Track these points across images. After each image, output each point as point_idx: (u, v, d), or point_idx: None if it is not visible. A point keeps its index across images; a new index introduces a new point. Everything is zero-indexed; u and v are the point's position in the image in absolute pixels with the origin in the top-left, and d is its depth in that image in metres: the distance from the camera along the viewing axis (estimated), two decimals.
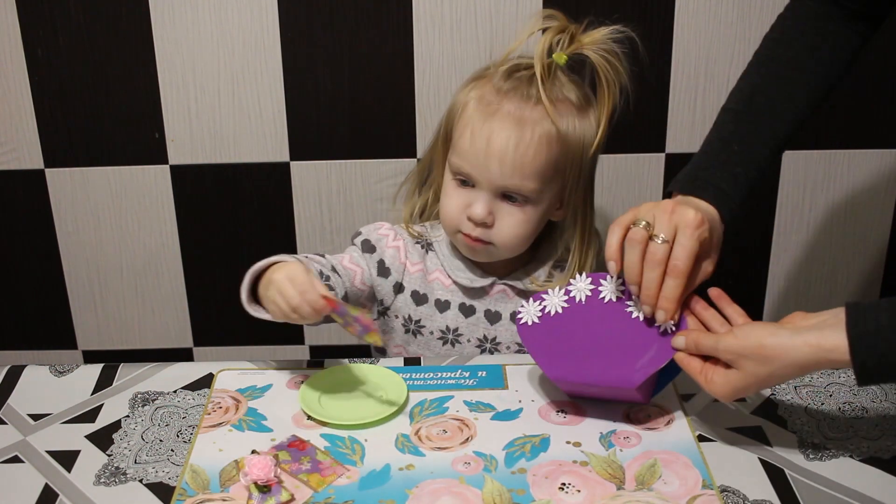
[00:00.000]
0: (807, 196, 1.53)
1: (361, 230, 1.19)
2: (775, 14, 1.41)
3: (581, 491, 0.87)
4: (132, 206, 1.51)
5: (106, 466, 0.92)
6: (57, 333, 1.60)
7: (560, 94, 1.07)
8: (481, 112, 1.07)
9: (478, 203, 1.07)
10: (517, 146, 1.05)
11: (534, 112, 1.05)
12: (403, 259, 1.17)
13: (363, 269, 1.16)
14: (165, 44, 1.41)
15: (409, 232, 1.18)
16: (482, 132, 1.06)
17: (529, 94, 1.06)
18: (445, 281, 1.17)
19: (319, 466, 0.90)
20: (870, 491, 0.87)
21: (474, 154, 1.06)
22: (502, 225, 1.09)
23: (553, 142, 1.06)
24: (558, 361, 0.94)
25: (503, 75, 1.08)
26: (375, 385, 1.02)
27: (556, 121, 1.05)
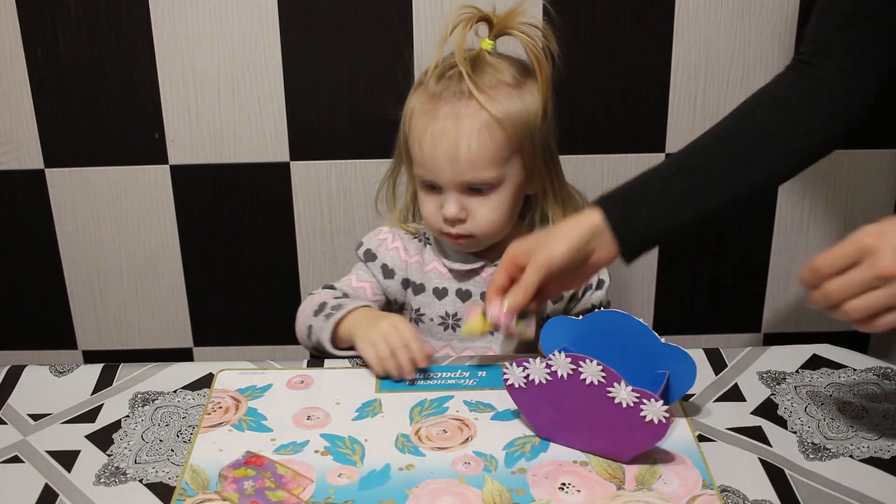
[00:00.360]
0: (807, 196, 1.53)
1: (363, 240, 1.24)
2: (775, 14, 1.41)
3: (581, 491, 0.87)
4: (132, 206, 1.51)
5: (106, 466, 0.92)
6: (57, 333, 1.60)
7: (494, 79, 1.10)
8: (422, 119, 1.11)
9: (448, 203, 1.12)
10: (460, 143, 1.09)
11: (468, 106, 1.09)
12: (404, 257, 1.21)
13: (370, 281, 1.21)
14: (165, 44, 1.41)
15: (405, 230, 1.23)
16: (427, 138, 1.10)
17: (461, 90, 1.09)
18: (442, 270, 1.21)
19: (283, 480, 0.89)
20: (870, 491, 0.87)
21: (427, 160, 1.11)
22: (477, 216, 1.13)
23: (494, 128, 1.09)
24: (546, 426, 0.93)
25: (435, 79, 1.12)
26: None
27: (490, 108, 1.09)
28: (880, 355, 1.13)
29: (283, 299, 1.57)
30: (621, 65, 1.44)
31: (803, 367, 1.08)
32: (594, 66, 1.43)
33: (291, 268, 1.55)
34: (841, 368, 1.07)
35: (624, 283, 1.58)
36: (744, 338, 1.63)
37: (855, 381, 1.05)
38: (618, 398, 0.87)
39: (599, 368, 0.87)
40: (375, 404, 1.01)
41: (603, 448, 0.91)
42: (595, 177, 1.50)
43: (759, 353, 1.11)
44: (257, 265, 1.55)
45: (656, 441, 0.89)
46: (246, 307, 1.58)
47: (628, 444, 0.89)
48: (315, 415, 0.99)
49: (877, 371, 1.06)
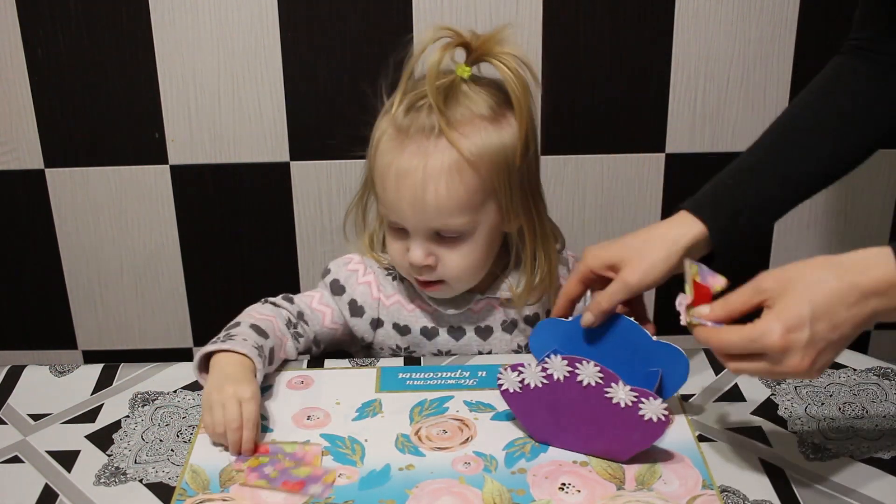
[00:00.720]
0: None
1: (330, 267, 1.14)
2: (775, 14, 1.41)
3: (581, 491, 0.87)
4: (132, 206, 1.51)
5: (106, 466, 0.92)
6: (57, 333, 1.60)
7: (468, 112, 0.99)
8: (387, 153, 1.00)
9: (414, 249, 1.02)
10: (427, 187, 0.97)
11: (437, 145, 0.97)
12: (377, 294, 1.12)
13: (333, 308, 1.12)
14: (165, 44, 1.41)
15: (378, 263, 1.13)
16: (391, 177, 0.99)
17: (431, 124, 0.97)
18: (428, 308, 1.11)
19: (297, 456, 0.90)
20: (870, 491, 0.87)
21: (391, 202, 1.00)
22: (447, 263, 1.03)
23: (465, 169, 0.98)
24: (542, 428, 0.93)
25: (403, 110, 1.00)
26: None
27: (462, 147, 0.97)
28: (880, 355, 1.12)
29: None
30: (621, 65, 1.44)
31: None
32: (594, 66, 1.43)
33: (291, 268, 1.55)
34: (841, 368, 1.07)
35: None
36: None
37: (855, 381, 1.05)
38: (616, 398, 0.87)
39: (597, 370, 0.87)
40: (375, 404, 1.01)
41: (601, 449, 0.91)
42: (595, 177, 1.50)
43: None
44: (257, 265, 1.55)
45: (655, 439, 0.89)
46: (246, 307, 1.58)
47: (627, 444, 0.89)
48: (315, 415, 0.99)
49: (877, 371, 1.06)
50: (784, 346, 0.77)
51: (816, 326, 0.77)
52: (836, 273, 0.78)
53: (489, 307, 1.12)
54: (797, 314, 0.77)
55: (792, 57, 1.42)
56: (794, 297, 0.78)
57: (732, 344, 0.81)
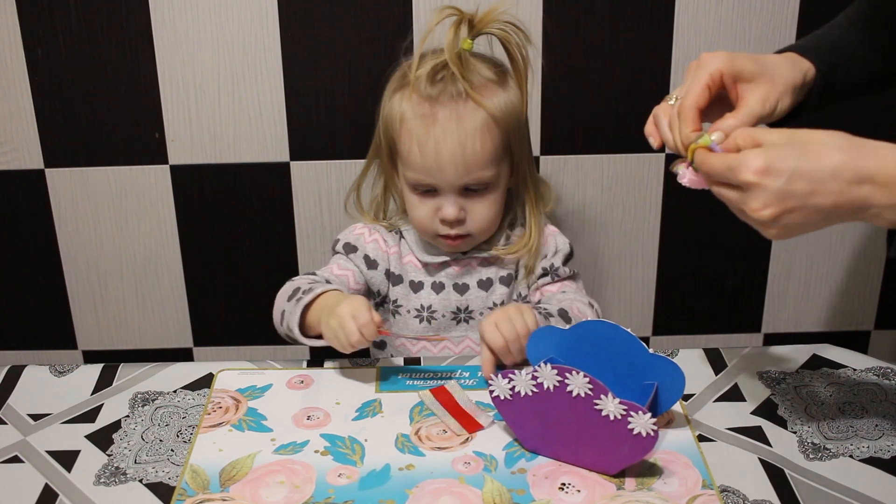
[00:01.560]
0: None
1: (339, 237, 1.25)
2: (775, 14, 1.41)
3: (581, 491, 0.87)
4: (132, 206, 1.51)
5: (106, 466, 0.92)
6: (57, 333, 1.60)
7: (480, 77, 1.12)
8: (421, 123, 1.11)
9: (446, 206, 1.13)
10: (465, 145, 1.10)
11: (466, 107, 1.11)
12: (385, 248, 1.22)
13: (353, 270, 1.21)
14: (165, 44, 1.40)
15: (381, 225, 1.24)
16: (429, 143, 1.10)
17: (457, 91, 1.10)
18: (417, 263, 1.22)
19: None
20: (870, 491, 0.87)
21: (429, 166, 1.11)
22: (474, 215, 1.15)
23: (492, 126, 1.11)
24: (532, 437, 0.93)
25: (427, 81, 1.11)
26: None
27: (488, 107, 1.11)
28: (880, 355, 1.13)
29: None
30: (621, 65, 1.44)
31: (803, 367, 1.08)
32: (594, 66, 1.43)
33: (291, 268, 1.55)
34: (841, 368, 1.07)
35: (624, 283, 1.58)
36: (744, 338, 1.63)
37: (855, 381, 1.05)
38: (605, 410, 0.86)
39: (586, 381, 0.86)
40: (375, 404, 1.01)
41: (590, 461, 0.90)
42: (595, 177, 1.50)
43: (759, 353, 1.11)
44: (257, 265, 1.55)
45: (644, 454, 0.88)
46: (246, 307, 1.58)
47: (616, 457, 0.89)
48: (315, 415, 0.99)
49: (877, 371, 1.06)
50: (754, 184, 0.76)
51: (795, 182, 0.75)
52: (844, 145, 0.75)
53: (468, 267, 1.22)
54: (782, 160, 0.75)
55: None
56: (790, 148, 0.76)
57: (713, 168, 0.80)
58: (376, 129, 1.20)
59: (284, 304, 1.12)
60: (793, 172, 0.75)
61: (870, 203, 0.75)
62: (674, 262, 1.57)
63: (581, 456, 0.90)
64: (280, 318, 1.12)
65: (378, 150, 1.20)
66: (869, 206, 0.75)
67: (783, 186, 0.75)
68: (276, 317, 1.14)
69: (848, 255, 1.58)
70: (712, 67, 0.87)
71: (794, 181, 0.75)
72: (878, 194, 0.74)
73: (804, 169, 0.75)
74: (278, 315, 1.13)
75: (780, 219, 0.77)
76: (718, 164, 0.80)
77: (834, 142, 0.76)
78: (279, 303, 1.14)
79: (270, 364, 1.10)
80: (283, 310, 1.12)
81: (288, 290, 1.14)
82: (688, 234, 1.55)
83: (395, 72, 1.20)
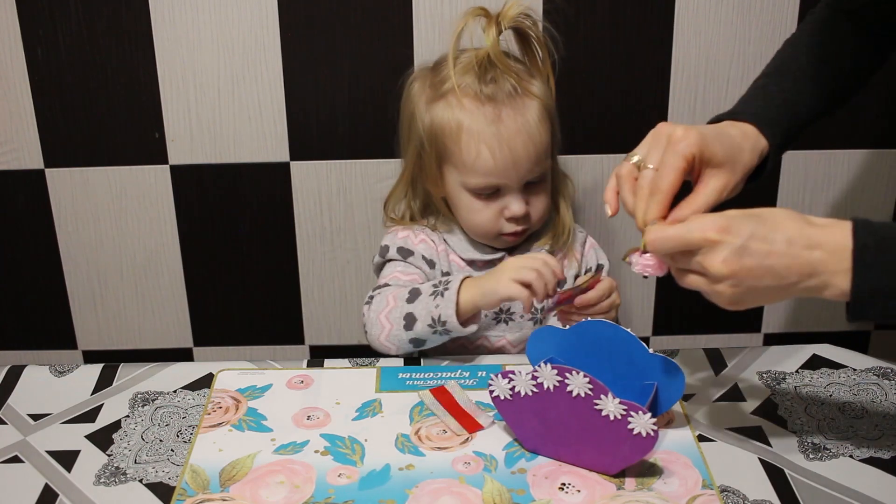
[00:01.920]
0: (807, 196, 1.53)
1: (386, 244, 1.22)
2: (775, 14, 1.41)
3: (581, 491, 0.87)
4: (132, 206, 1.51)
5: (106, 466, 0.92)
6: (57, 333, 1.60)
7: (520, 73, 1.14)
8: (487, 125, 1.11)
9: (514, 203, 1.14)
10: (534, 138, 1.12)
11: (524, 101, 1.12)
12: (434, 246, 1.21)
13: (417, 272, 1.20)
14: (165, 44, 1.40)
15: (421, 225, 1.23)
16: (501, 144, 1.10)
17: (511, 86, 1.12)
18: (459, 262, 1.21)
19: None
20: (870, 491, 0.87)
21: (501, 166, 1.11)
22: (535, 207, 1.16)
23: (545, 115, 1.14)
24: (532, 437, 0.93)
25: (478, 81, 1.12)
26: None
27: (540, 96, 1.13)
28: (880, 355, 1.13)
29: (283, 299, 1.57)
30: (621, 65, 1.44)
31: (803, 367, 1.08)
32: (594, 66, 1.43)
33: (291, 268, 1.55)
34: (841, 368, 1.07)
35: (624, 283, 1.58)
36: (744, 338, 1.63)
37: (855, 381, 1.05)
38: (605, 410, 0.86)
39: (586, 381, 0.86)
40: (375, 404, 1.01)
41: (590, 461, 0.90)
42: (595, 177, 1.50)
43: (759, 353, 1.11)
44: (257, 265, 1.55)
45: (644, 454, 0.88)
46: (246, 307, 1.58)
47: (615, 457, 0.89)
48: (315, 415, 0.99)
49: (877, 371, 1.06)
50: (714, 241, 0.78)
51: (753, 242, 0.78)
52: (794, 216, 0.80)
53: None
54: (740, 224, 0.79)
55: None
56: (746, 217, 0.80)
57: (670, 235, 0.81)
58: (411, 144, 1.19)
59: (408, 307, 1.09)
60: (751, 234, 0.79)
61: (820, 269, 0.78)
62: None
63: (581, 456, 0.90)
64: (402, 324, 1.09)
65: (419, 162, 1.19)
66: (819, 271, 0.78)
67: (743, 243, 0.78)
68: (385, 330, 1.10)
69: None
70: (687, 151, 0.86)
71: (753, 241, 0.79)
72: (827, 260, 0.78)
73: (762, 233, 0.79)
74: (396, 322, 1.09)
75: (737, 275, 0.79)
76: (675, 230, 0.81)
77: (785, 213, 0.81)
78: (387, 312, 1.10)
79: (270, 364, 1.10)
80: (407, 312, 1.09)
81: (393, 300, 1.10)
82: None
83: (412, 83, 1.19)
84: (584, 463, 0.91)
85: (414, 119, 1.17)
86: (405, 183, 1.24)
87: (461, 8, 1.38)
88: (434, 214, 1.24)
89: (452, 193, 1.17)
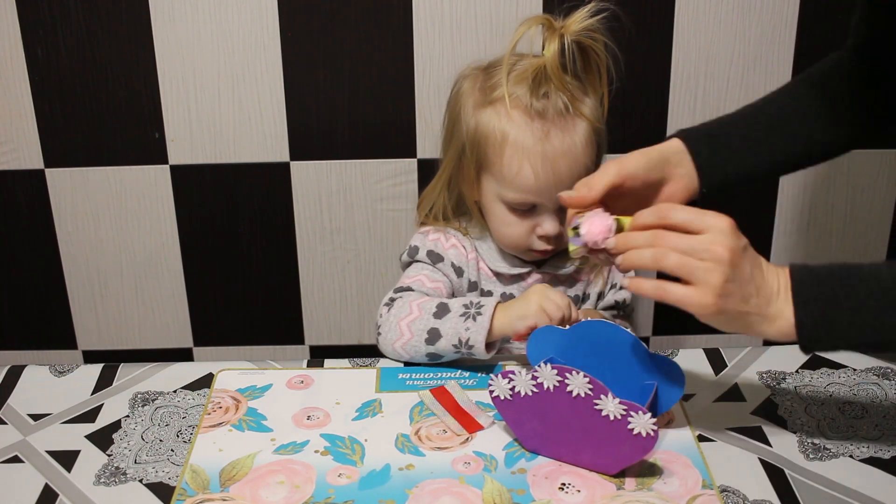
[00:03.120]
0: (807, 196, 1.53)
1: (416, 245, 1.19)
2: (775, 14, 1.41)
3: (581, 491, 0.87)
4: (132, 206, 1.51)
5: (106, 466, 0.92)
6: (57, 333, 1.60)
7: (573, 89, 1.09)
8: (533, 142, 1.07)
9: (547, 223, 1.11)
10: (577, 161, 1.08)
11: (574, 122, 1.09)
12: (465, 253, 1.19)
13: (443, 280, 1.17)
14: (165, 44, 1.40)
15: (453, 228, 1.21)
16: (545, 163, 1.07)
17: (563, 104, 1.08)
18: (488, 272, 1.19)
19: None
20: (870, 491, 0.87)
21: (542, 186, 1.08)
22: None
23: (593, 139, 1.11)
24: (532, 437, 0.93)
25: (530, 94, 1.08)
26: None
27: (590, 118, 1.10)
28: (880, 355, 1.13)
29: (283, 299, 1.57)
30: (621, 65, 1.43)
31: (803, 367, 1.08)
32: None
33: (291, 268, 1.55)
34: (841, 368, 1.07)
35: None
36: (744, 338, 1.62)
37: (855, 381, 1.05)
38: (605, 411, 0.86)
39: (586, 381, 0.86)
40: (375, 404, 1.01)
41: (590, 461, 0.90)
42: None
43: (759, 353, 1.11)
44: (257, 265, 1.55)
45: (644, 454, 0.88)
46: (246, 307, 1.58)
47: (615, 457, 0.88)
48: (315, 415, 0.99)
49: (877, 371, 1.06)
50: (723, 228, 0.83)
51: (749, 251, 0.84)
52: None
53: (539, 282, 1.18)
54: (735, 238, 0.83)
55: (792, 57, 1.42)
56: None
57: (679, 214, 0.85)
58: (453, 144, 1.15)
59: (434, 322, 1.06)
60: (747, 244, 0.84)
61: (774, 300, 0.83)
62: None
63: (581, 456, 0.90)
64: (424, 338, 1.06)
65: (458, 164, 1.15)
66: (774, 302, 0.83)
67: (746, 244, 0.84)
68: (404, 339, 1.07)
69: (848, 255, 1.58)
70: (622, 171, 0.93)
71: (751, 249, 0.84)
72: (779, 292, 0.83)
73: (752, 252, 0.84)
74: (416, 335, 1.06)
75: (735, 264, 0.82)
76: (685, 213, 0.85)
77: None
78: (409, 322, 1.07)
79: (270, 364, 1.10)
80: (432, 327, 1.06)
81: (419, 309, 1.08)
82: None
83: (462, 81, 1.16)
84: (584, 463, 0.90)
85: (459, 120, 1.14)
86: (443, 183, 1.19)
87: (461, 8, 1.39)
88: (466, 216, 1.21)
89: (487, 202, 1.14)
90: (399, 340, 1.07)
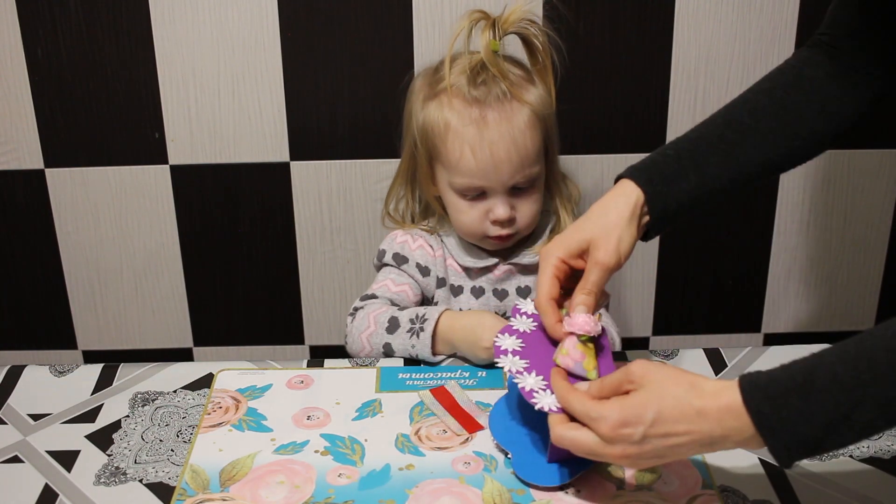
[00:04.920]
0: (807, 196, 1.53)
1: (382, 248, 1.24)
2: (775, 13, 1.41)
3: (581, 491, 0.87)
4: (132, 206, 1.51)
5: (106, 466, 0.92)
6: (57, 333, 1.60)
7: (515, 77, 1.14)
8: (472, 127, 1.11)
9: (498, 207, 1.14)
10: (517, 143, 1.11)
11: (512, 106, 1.12)
12: (432, 252, 1.22)
13: (408, 283, 1.22)
14: (165, 44, 1.41)
15: (420, 229, 1.24)
16: (482, 146, 1.11)
17: (501, 91, 1.11)
18: (457, 267, 1.22)
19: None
20: (870, 491, 0.87)
21: (482, 169, 1.12)
22: (522, 213, 1.15)
23: (536, 122, 1.13)
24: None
25: (469, 83, 1.12)
26: None
27: (532, 103, 1.12)
28: None
29: (283, 299, 1.57)
30: (621, 65, 1.44)
31: None
32: (594, 66, 1.43)
33: (291, 268, 1.55)
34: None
35: (624, 283, 1.58)
36: (744, 338, 1.63)
37: None
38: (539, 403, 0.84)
39: (541, 378, 0.86)
40: (375, 404, 1.01)
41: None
42: (595, 177, 1.50)
43: (759, 353, 1.11)
44: (257, 265, 1.55)
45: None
46: (246, 307, 1.58)
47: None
48: (315, 415, 0.99)
49: None
50: (612, 438, 0.78)
51: (651, 430, 0.77)
52: (689, 392, 0.77)
53: (508, 273, 1.21)
54: (639, 413, 0.77)
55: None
56: (645, 397, 0.78)
57: (573, 409, 0.82)
58: (407, 141, 1.20)
59: (386, 337, 1.11)
60: (651, 421, 0.77)
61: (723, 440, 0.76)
62: (674, 262, 1.57)
63: None
64: (381, 351, 1.12)
65: (413, 160, 1.20)
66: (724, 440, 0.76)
67: (642, 434, 0.77)
68: (362, 347, 1.13)
69: (848, 255, 1.58)
70: (553, 259, 0.92)
71: (651, 428, 0.77)
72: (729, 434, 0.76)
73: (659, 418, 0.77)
74: (372, 346, 1.13)
75: (641, 457, 0.79)
76: (579, 408, 0.81)
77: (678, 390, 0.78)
78: (367, 335, 1.13)
79: (270, 364, 1.10)
80: (385, 342, 1.11)
81: (374, 321, 1.13)
82: (687, 234, 1.55)
83: (415, 80, 1.20)
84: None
85: (410, 117, 1.18)
86: (401, 179, 1.24)
87: (461, 8, 1.39)
88: (433, 216, 1.24)
89: (443, 193, 1.18)
90: (363, 351, 1.14)
